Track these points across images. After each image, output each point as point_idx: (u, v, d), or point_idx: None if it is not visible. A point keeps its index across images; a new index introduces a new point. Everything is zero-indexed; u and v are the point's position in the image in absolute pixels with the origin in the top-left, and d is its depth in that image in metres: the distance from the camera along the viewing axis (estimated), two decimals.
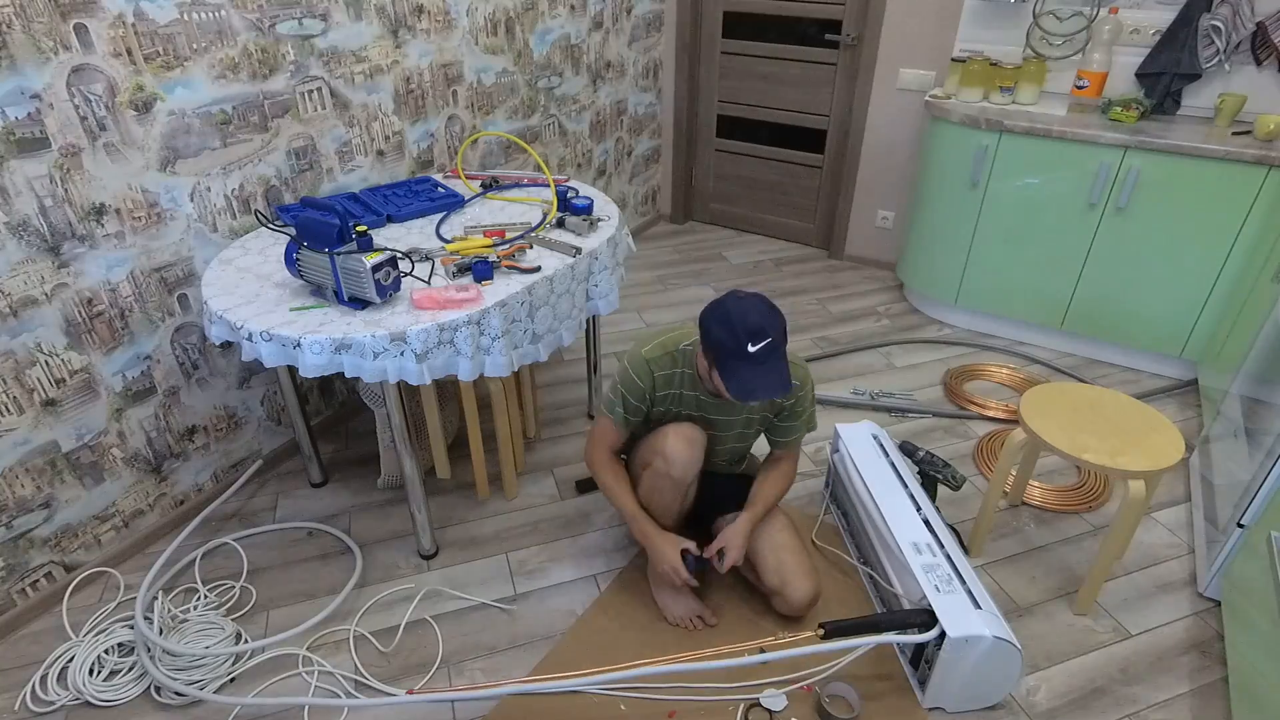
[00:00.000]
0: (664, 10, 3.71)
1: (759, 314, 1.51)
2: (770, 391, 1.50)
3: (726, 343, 1.50)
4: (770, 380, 1.51)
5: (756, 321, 1.49)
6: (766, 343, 1.49)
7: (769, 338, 1.50)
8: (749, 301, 1.53)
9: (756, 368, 1.50)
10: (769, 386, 1.50)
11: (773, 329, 1.51)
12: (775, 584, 1.80)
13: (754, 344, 1.49)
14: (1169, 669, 1.78)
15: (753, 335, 1.49)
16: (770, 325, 1.51)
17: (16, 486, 1.78)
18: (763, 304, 1.54)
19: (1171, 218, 2.60)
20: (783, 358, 1.53)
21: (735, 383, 1.51)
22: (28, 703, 1.68)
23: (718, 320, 1.53)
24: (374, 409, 2.16)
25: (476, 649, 1.82)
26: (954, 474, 1.96)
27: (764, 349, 1.49)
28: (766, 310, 1.53)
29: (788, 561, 1.80)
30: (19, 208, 1.62)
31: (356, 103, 2.29)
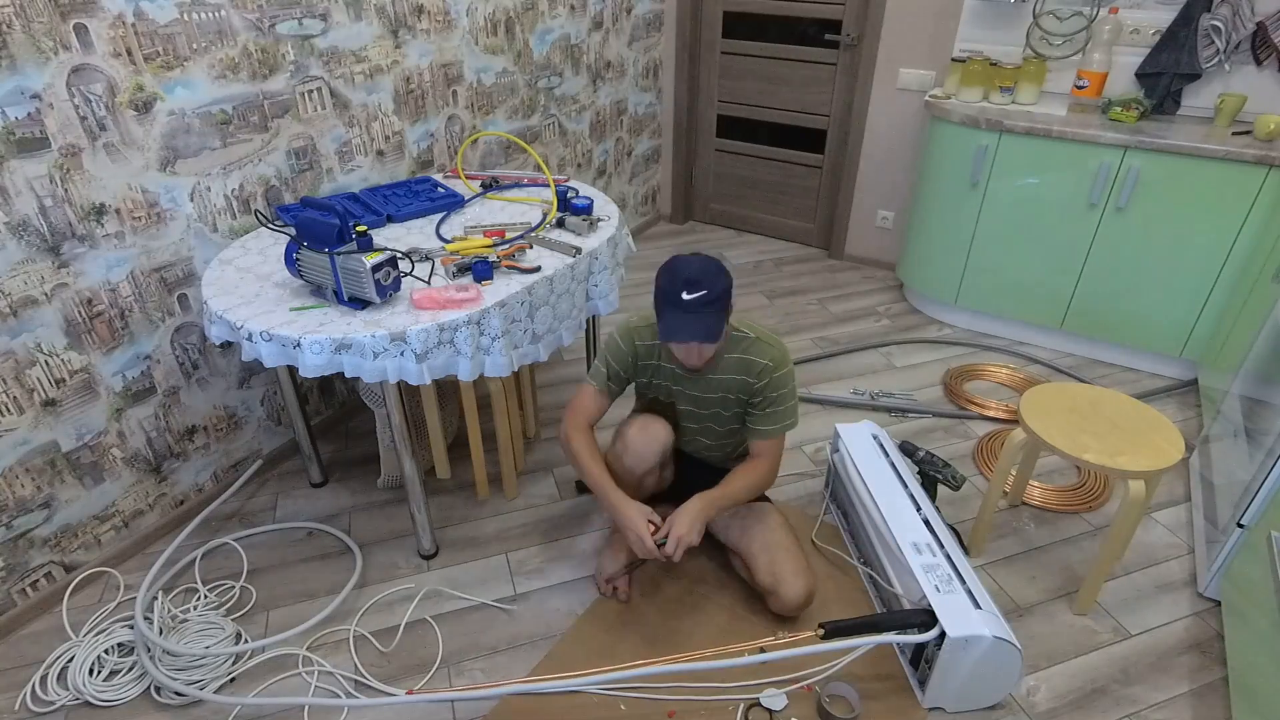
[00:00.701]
0: (664, 10, 3.71)
1: (699, 269, 1.56)
2: (693, 335, 1.54)
3: (665, 289, 1.57)
4: (695, 327, 1.55)
5: (694, 274, 1.55)
6: (700, 294, 1.54)
7: (703, 290, 1.54)
8: (696, 259, 1.58)
9: (686, 315, 1.55)
10: (693, 331, 1.54)
11: (711, 285, 1.54)
12: (769, 583, 1.80)
13: (688, 293, 1.54)
14: (1169, 669, 1.78)
15: (688, 285, 1.54)
16: (709, 280, 1.55)
17: (16, 486, 1.78)
18: (710, 264, 1.58)
19: (1171, 218, 2.60)
20: (716, 313, 1.56)
21: (664, 326, 1.57)
22: (28, 703, 1.68)
23: (663, 270, 1.60)
24: (374, 409, 2.16)
25: (476, 649, 1.82)
26: (954, 474, 1.96)
27: (697, 299, 1.54)
28: (711, 269, 1.56)
29: (781, 560, 1.80)
30: (19, 208, 1.62)
31: (356, 103, 2.29)
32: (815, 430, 2.57)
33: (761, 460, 1.81)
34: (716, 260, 1.60)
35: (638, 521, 1.68)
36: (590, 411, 1.81)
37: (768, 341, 1.75)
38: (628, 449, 1.81)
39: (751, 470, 1.80)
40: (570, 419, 1.81)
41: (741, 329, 1.77)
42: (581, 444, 1.77)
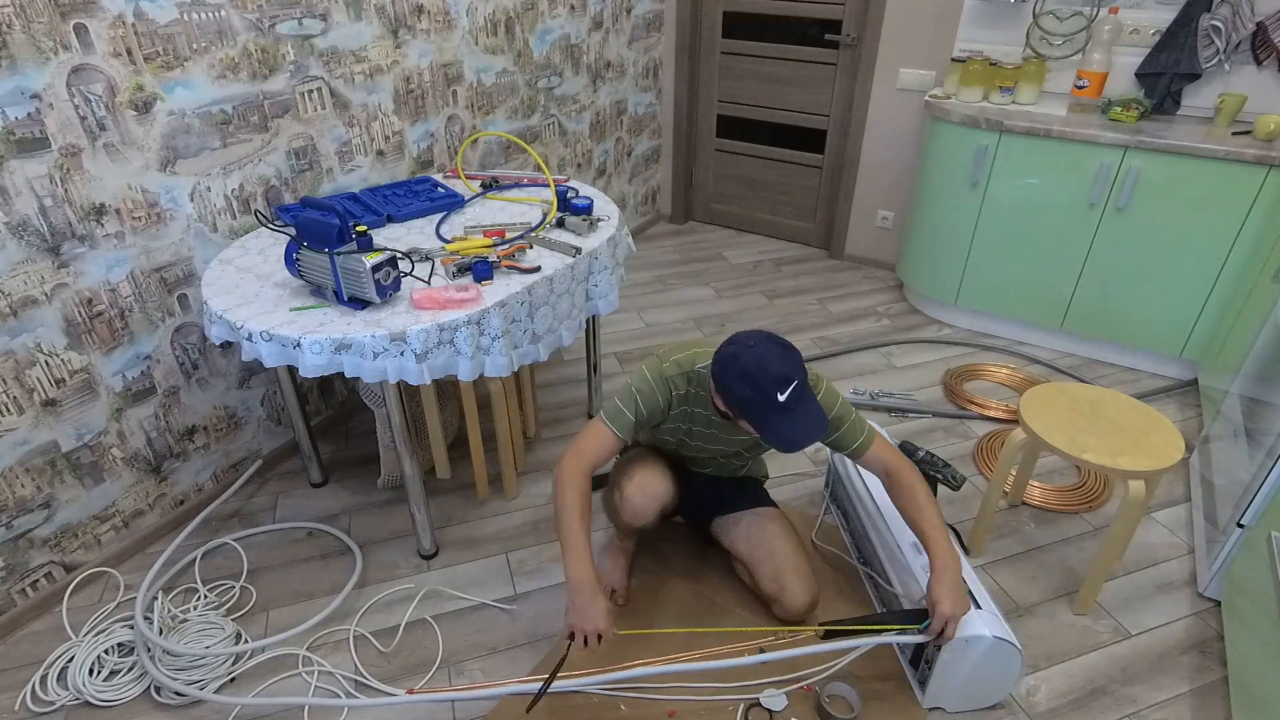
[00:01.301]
0: (664, 10, 3.71)
1: (778, 360, 1.42)
2: (812, 435, 1.43)
3: (754, 398, 1.42)
4: (808, 424, 1.43)
5: (779, 370, 1.42)
6: (794, 387, 1.42)
7: (794, 381, 1.42)
8: (763, 348, 1.44)
9: (790, 415, 1.43)
10: (809, 432, 1.43)
11: (796, 371, 1.43)
12: (773, 590, 1.80)
13: (782, 393, 1.41)
14: (1169, 669, 1.78)
15: (780, 384, 1.41)
16: (793, 368, 1.43)
17: (16, 486, 1.78)
18: (777, 346, 1.45)
19: (1171, 218, 2.60)
20: (812, 396, 1.46)
21: (775, 436, 1.43)
22: (28, 703, 1.68)
23: (737, 377, 1.43)
24: (374, 409, 2.16)
25: (476, 649, 1.82)
26: (954, 474, 1.95)
27: (793, 395, 1.42)
28: (782, 352, 1.44)
29: (785, 568, 1.79)
30: (19, 208, 1.62)
31: (356, 103, 2.29)
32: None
33: (893, 470, 1.65)
34: (772, 336, 1.48)
35: (600, 620, 1.47)
36: (600, 457, 1.63)
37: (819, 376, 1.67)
38: (626, 505, 1.74)
39: (908, 491, 1.62)
40: (573, 459, 1.60)
41: None
42: (574, 495, 1.56)
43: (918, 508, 1.60)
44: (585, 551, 1.51)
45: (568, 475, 1.58)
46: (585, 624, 1.46)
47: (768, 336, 1.47)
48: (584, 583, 1.48)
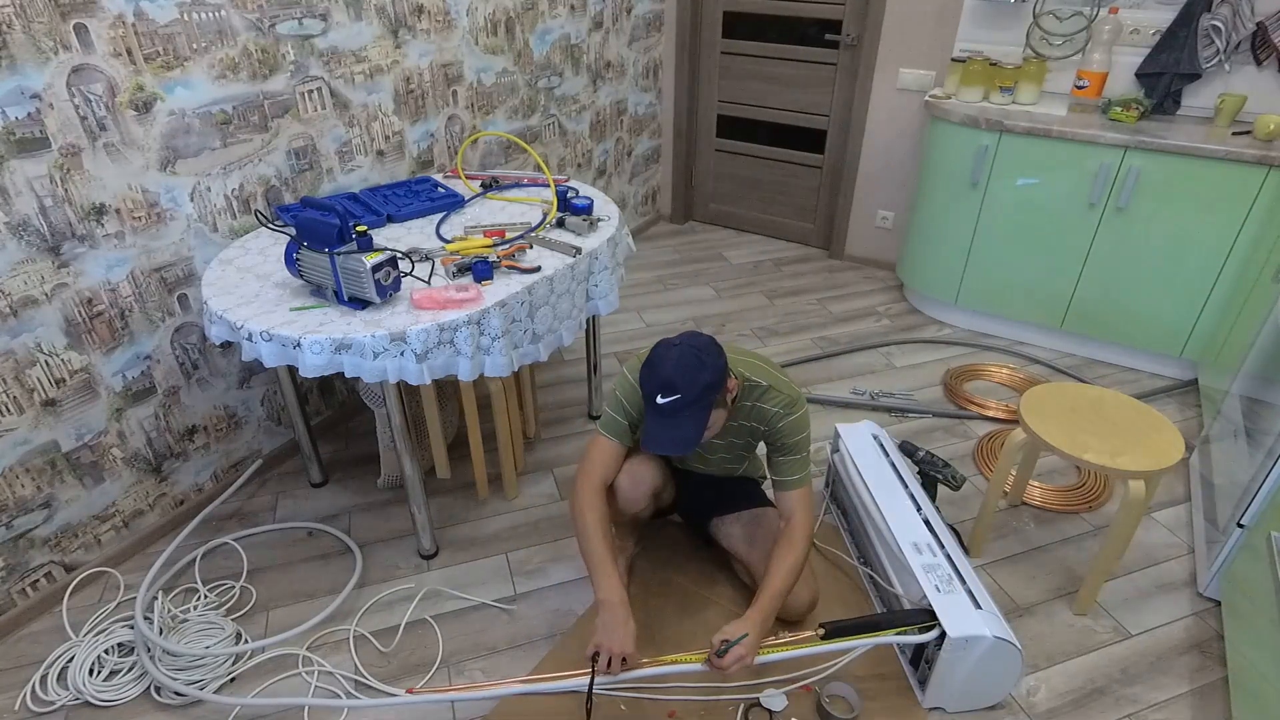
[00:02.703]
0: (664, 10, 3.71)
1: (674, 367, 1.44)
2: (668, 448, 1.46)
3: (644, 387, 1.49)
4: (670, 436, 1.46)
5: (667, 375, 1.44)
6: (675, 398, 1.44)
7: (677, 394, 1.43)
8: (675, 352, 1.47)
9: (660, 420, 1.46)
10: (667, 442, 1.46)
11: (687, 386, 1.43)
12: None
13: (662, 396, 1.45)
14: (1169, 669, 1.78)
15: (662, 388, 1.45)
16: (685, 381, 1.43)
17: (16, 486, 1.78)
18: (689, 358, 1.45)
19: (1171, 218, 2.60)
20: (694, 416, 1.45)
21: (645, 431, 1.49)
22: (28, 703, 1.68)
23: (644, 364, 1.51)
24: (374, 409, 2.16)
25: (476, 649, 1.82)
26: (954, 474, 1.95)
27: (671, 404, 1.44)
28: (689, 365, 1.44)
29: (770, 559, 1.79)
30: (19, 208, 1.62)
31: (356, 103, 2.29)
32: (815, 430, 2.57)
33: (794, 524, 1.67)
34: (701, 350, 1.47)
35: (624, 640, 1.48)
36: (608, 469, 1.68)
37: (779, 389, 1.67)
38: (617, 493, 1.76)
39: (787, 546, 1.64)
40: (582, 481, 1.65)
41: (755, 376, 1.67)
42: (593, 516, 1.60)
43: (786, 562, 1.62)
44: (613, 570, 1.55)
45: (582, 499, 1.63)
46: (613, 643, 1.47)
47: (698, 347, 1.48)
48: (614, 602, 1.51)
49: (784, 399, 1.67)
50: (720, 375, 1.48)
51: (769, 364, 1.73)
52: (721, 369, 1.48)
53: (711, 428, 1.54)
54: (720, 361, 1.49)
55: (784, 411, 1.66)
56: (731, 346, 1.72)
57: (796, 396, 1.68)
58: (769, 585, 1.59)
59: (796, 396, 1.68)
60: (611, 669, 1.48)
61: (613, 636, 1.48)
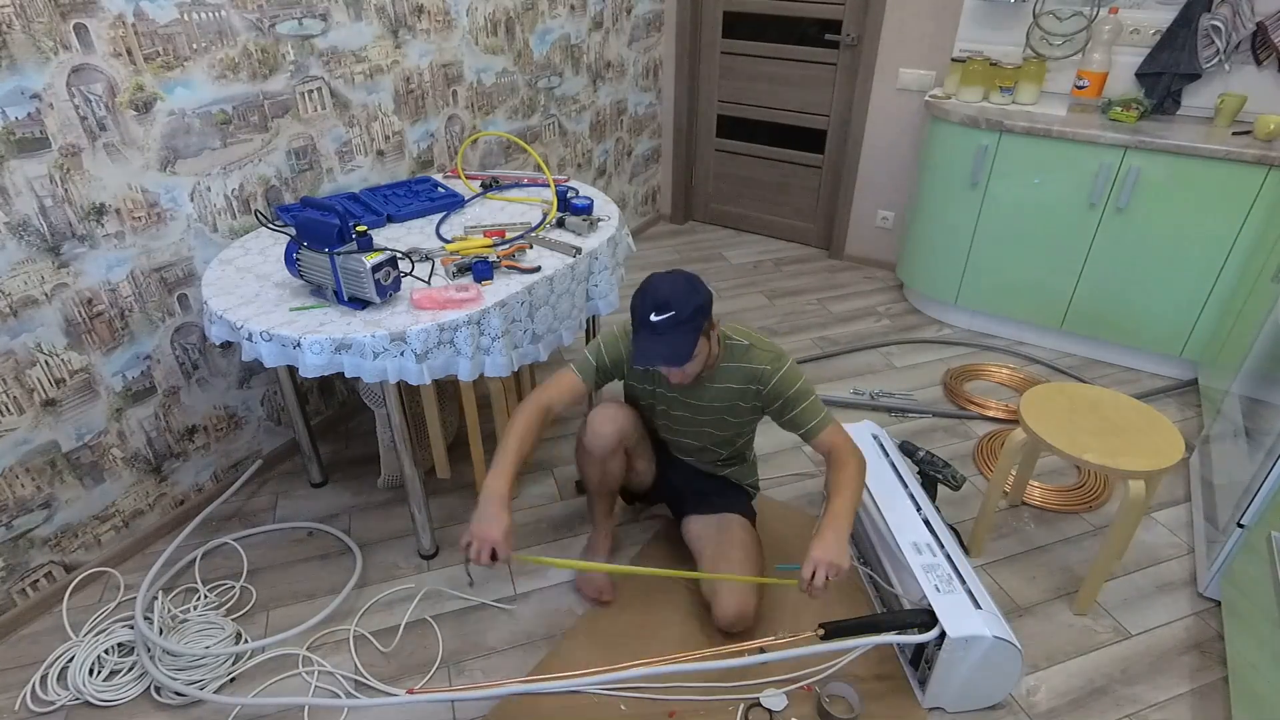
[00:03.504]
0: (664, 10, 3.71)
1: (668, 290, 1.53)
2: (658, 358, 1.53)
3: (637, 311, 1.56)
4: (662, 349, 1.53)
5: (663, 295, 1.53)
6: (668, 315, 1.52)
7: (671, 311, 1.52)
8: (668, 277, 1.56)
9: (654, 338, 1.54)
10: (659, 354, 1.53)
11: (680, 305, 1.52)
12: (707, 592, 1.81)
13: (656, 314, 1.52)
14: (1169, 669, 1.78)
15: (656, 307, 1.52)
16: (678, 300, 1.52)
17: (16, 486, 1.78)
18: (681, 282, 1.55)
19: (1171, 218, 2.60)
20: (686, 334, 1.54)
21: (638, 350, 1.55)
22: (28, 703, 1.68)
23: (638, 291, 1.58)
24: (374, 409, 2.16)
25: (476, 649, 1.82)
26: (954, 474, 1.95)
27: (665, 321, 1.52)
28: (681, 288, 1.54)
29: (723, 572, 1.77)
30: (19, 208, 1.62)
31: (356, 103, 2.29)
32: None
33: (840, 455, 1.68)
34: (691, 278, 1.57)
35: (492, 530, 1.47)
36: (560, 393, 1.72)
37: (762, 347, 1.72)
38: (588, 428, 1.79)
39: (842, 468, 1.66)
40: (532, 396, 1.70)
41: (736, 336, 1.73)
42: (518, 421, 1.64)
43: (842, 479, 1.66)
44: (509, 470, 1.58)
45: (522, 407, 1.68)
46: (483, 532, 1.47)
47: (688, 275, 1.57)
48: (493, 493, 1.52)
49: (769, 355, 1.71)
50: (709, 302, 1.57)
51: (748, 328, 1.78)
52: (709, 297, 1.58)
53: (698, 357, 1.59)
54: (709, 291, 1.58)
55: (772, 368, 1.70)
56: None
57: (780, 352, 1.72)
58: (833, 504, 1.62)
59: (780, 352, 1.72)
60: (481, 559, 1.47)
61: (483, 526, 1.48)
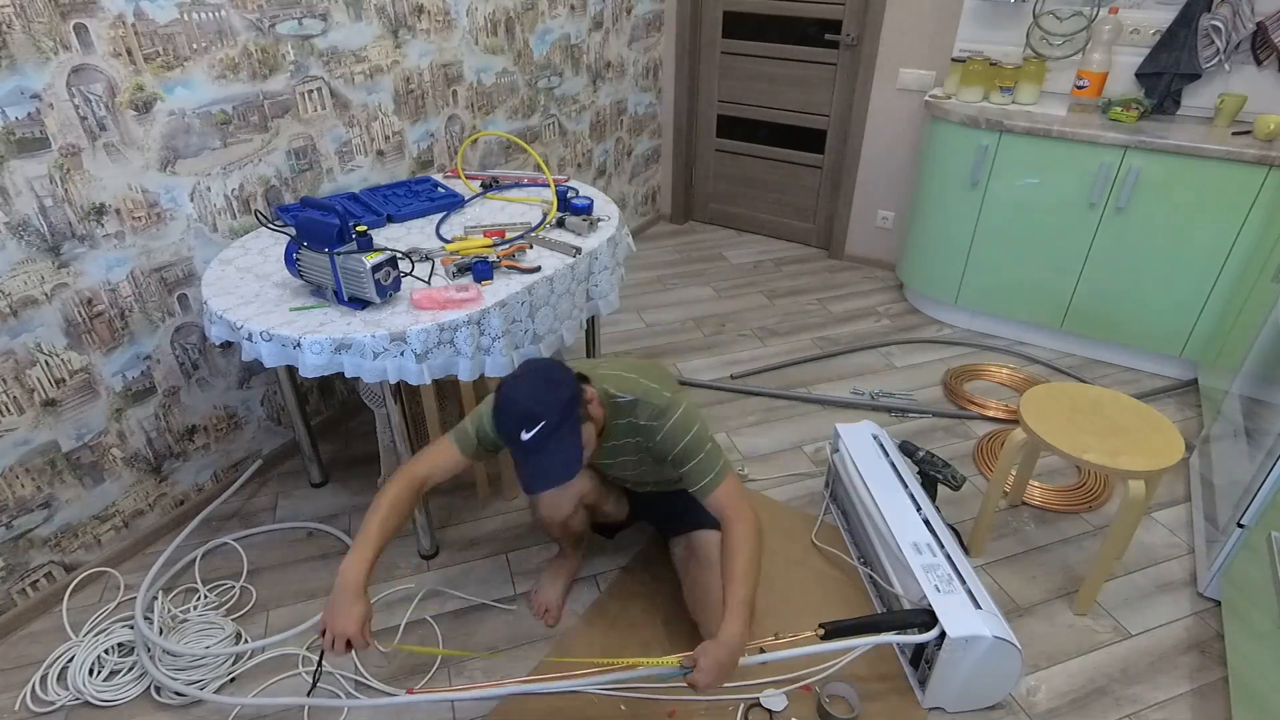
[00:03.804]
0: (664, 10, 3.71)
1: (528, 394, 1.33)
2: (549, 481, 1.34)
3: (504, 433, 1.35)
4: (549, 467, 1.33)
5: (524, 406, 1.33)
6: (540, 428, 1.32)
7: (540, 422, 1.32)
8: (523, 382, 1.35)
9: (536, 458, 1.34)
10: (547, 476, 1.34)
11: (547, 411, 1.32)
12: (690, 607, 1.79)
13: (526, 431, 1.32)
14: (1169, 669, 1.78)
15: (522, 422, 1.32)
16: (541, 405, 1.32)
17: (16, 486, 1.78)
18: (539, 381, 1.35)
19: (1171, 218, 2.60)
20: (567, 437, 1.34)
21: (521, 477, 1.36)
22: (28, 703, 1.68)
23: (496, 409, 1.37)
24: (374, 409, 2.15)
25: (476, 649, 1.82)
26: (954, 474, 1.95)
27: (538, 436, 1.32)
28: (540, 388, 1.34)
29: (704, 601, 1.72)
30: (19, 208, 1.62)
31: (356, 103, 2.29)
32: (815, 430, 2.57)
33: (728, 526, 1.50)
34: (546, 368, 1.37)
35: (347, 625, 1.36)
36: (438, 466, 1.54)
37: (648, 400, 1.53)
38: (534, 509, 1.74)
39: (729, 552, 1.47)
40: (411, 463, 1.54)
41: (623, 390, 1.55)
42: (384, 496, 1.47)
43: (730, 573, 1.46)
44: (367, 551, 1.42)
45: (395, 477, 1.50)
46: (335, 625, 1.36)
47: (541, 369, 1.38)
48: (348, 581, 1.39)
49: (653, 409, 1.53)
50: (575, 388, 1.38)
51: (636, 370, 1.59)
52: (573, 381, 1.39)
53: (588, 444, 1.43)
54: (569, 375, 1.40)
55: (655, 424, 1.52)
56: (588, 363, 1.61)
57: (665, 404, 1.53)
58: (727, 600, 1.44)
59: (665, 404, 1.53)
60: (335, 648, 1.37)
61: (337, 617, 1.37)
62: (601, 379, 1.55)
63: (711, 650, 1.38)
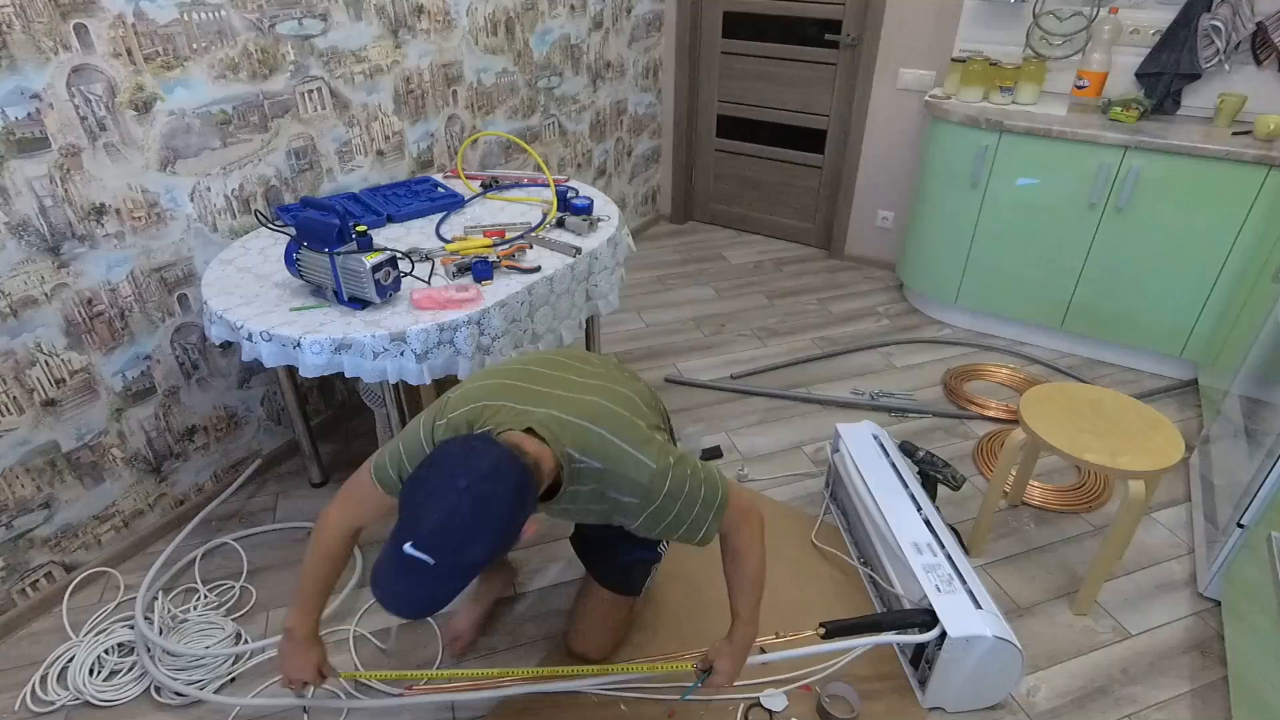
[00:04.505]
0: (664, 10, 3.71)
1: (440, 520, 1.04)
2: (399, 609, 1.08)
3: (400, 512, 1.08)
4: (406, 596, 1.06)
5: (428, 528, 1.04)
6: (422, 559, 1.03)
7: (427, 557, 1.03)
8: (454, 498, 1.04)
9: (402, 573, 1.04)
10: (399, 604, 1.07)
11: (443, 552, 1.03)
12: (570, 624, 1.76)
13: (412, 546, 1.04)
14: (1169, 669, 1.78)
15: (413, 536, 1.04)
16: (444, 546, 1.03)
17: (16, 486, 1.78)
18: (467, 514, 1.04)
19: (1171, 218, 2.60)
20: (439, 587, 1.06)
21: (374, 571, 1.08)
22: (28, 703, 1.68)
23: (410, 484, 1.09)
24: (374, 409, 2.15)
25: (476, 649, 1.82)
26: (954, 474, 1.95)
27: (416, 562, 1.03)
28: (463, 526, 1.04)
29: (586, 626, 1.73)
30: (19, 208, 1.62)
31: (356, 103, 2.29)
32: (815, 430, 2.57)
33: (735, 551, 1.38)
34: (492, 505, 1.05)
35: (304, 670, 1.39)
36: (367, 512, 1.37)
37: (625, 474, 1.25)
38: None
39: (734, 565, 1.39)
40: (338, 514, 1.37)
41: (589, 459, 1.24)
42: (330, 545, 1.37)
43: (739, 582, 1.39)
44: (308, 603, 1.39)
45: (325, 531, 1.38)
46: (291, 673, 1.41)
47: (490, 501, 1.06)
48: (292, 633, 1.40)
49: (629, 486, 1.26)
50: (497, 550, 1.08)
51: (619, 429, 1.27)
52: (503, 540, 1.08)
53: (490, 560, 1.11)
54: (509, 526, 1.08)
55: (631, 502, 1.27)
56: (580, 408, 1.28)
57: (648, 484, 1.25)
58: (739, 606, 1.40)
59: (648, 484, 1.25)
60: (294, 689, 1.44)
61: (291, 667, 1.41)
62: (562, 431, 1.24)
63: (727, 652, 1.42)
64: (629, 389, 1.40)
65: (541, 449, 1.20)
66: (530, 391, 1.32)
